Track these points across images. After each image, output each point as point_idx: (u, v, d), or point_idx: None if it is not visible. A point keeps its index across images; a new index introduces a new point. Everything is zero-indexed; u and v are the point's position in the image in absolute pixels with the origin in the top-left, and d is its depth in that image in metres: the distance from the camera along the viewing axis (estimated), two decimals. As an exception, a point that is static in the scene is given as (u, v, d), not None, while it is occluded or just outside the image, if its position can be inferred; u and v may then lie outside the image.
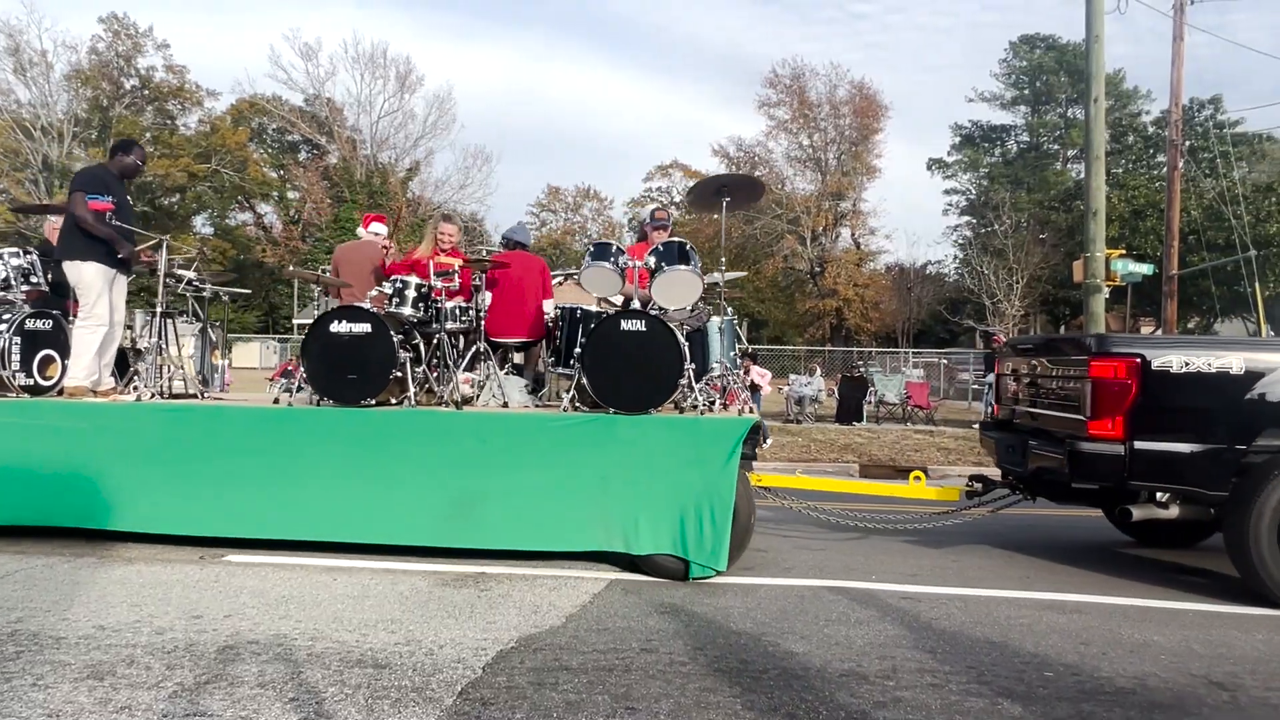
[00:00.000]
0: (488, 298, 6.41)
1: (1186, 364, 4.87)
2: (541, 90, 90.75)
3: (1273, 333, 26.18)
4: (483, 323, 6.31)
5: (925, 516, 6.42)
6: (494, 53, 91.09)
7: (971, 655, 3.84)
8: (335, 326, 5.52)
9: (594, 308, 6.13)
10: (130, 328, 7.26)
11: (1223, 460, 4.83)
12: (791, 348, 37.40)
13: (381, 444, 5.30)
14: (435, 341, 6.47)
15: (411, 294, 6.07)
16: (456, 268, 6.43)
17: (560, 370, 5.98)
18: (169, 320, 6.67)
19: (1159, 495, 5.31)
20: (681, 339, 5.31)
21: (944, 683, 3.49)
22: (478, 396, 6.18)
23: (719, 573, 4.99)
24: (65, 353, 6.18)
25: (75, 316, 6.11)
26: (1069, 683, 3.54)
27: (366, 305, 5.78)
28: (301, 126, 51.69)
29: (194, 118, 51.14)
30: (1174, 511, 5.29)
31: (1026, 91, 49.97)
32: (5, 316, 5.94)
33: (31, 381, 6.03)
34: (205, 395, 6.71)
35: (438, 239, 7.09)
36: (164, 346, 6.42)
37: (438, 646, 3.79)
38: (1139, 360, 4.88)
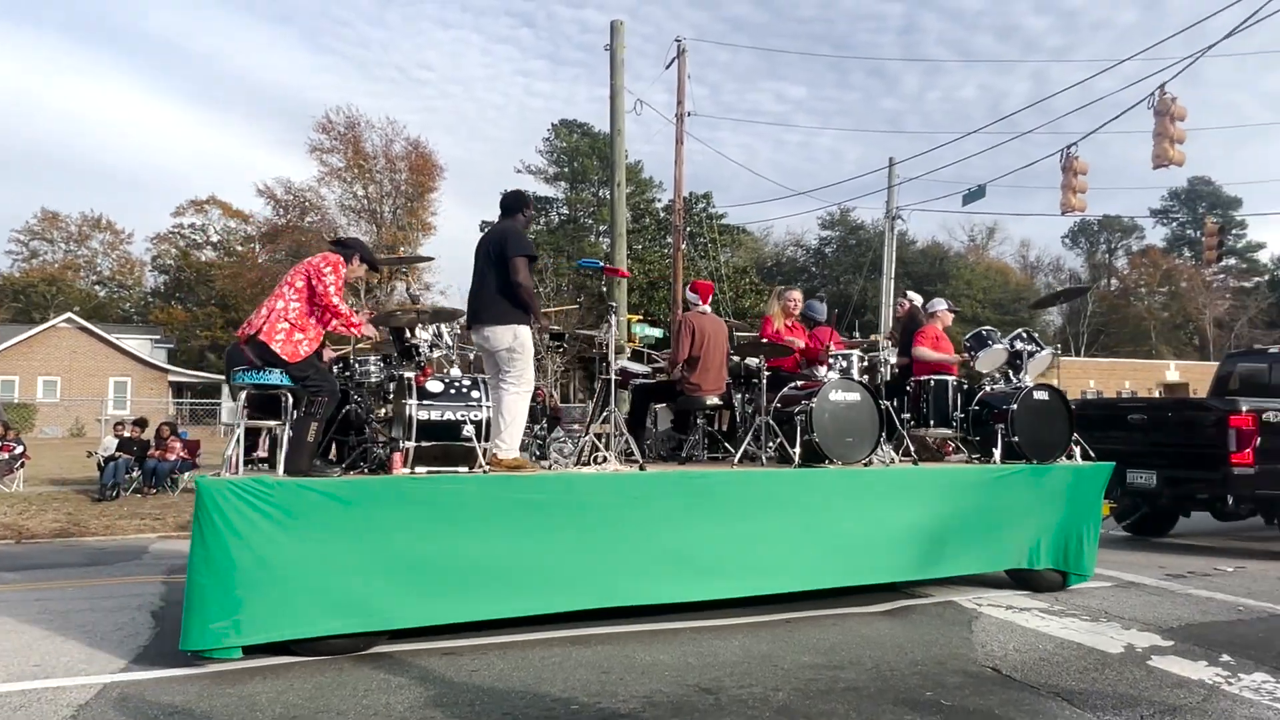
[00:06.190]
0: None
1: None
2: (41, 100, 76.14)
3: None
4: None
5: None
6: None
7: (507, 702, 4.00)
8: (834, 395, 6.10)
9: (959, 380, 7.21)
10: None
11: None
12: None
13: (877, 497, 6.05)
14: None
15: (856, 366, 6.76)
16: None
17: (937, 431, 7.01)
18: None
19: None
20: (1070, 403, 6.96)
21: (480, 735, 3.57)
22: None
23: (1086, 579, 6.84)
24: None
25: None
26: (592, 713, 3.87)
27: (855, 376, 6.53)
28: None
29: None
30: None
31: (566, 169, 55.45)
32: (474, 386, 5.46)
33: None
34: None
35: (787, 307, 7.50)
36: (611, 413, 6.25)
37: None
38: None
